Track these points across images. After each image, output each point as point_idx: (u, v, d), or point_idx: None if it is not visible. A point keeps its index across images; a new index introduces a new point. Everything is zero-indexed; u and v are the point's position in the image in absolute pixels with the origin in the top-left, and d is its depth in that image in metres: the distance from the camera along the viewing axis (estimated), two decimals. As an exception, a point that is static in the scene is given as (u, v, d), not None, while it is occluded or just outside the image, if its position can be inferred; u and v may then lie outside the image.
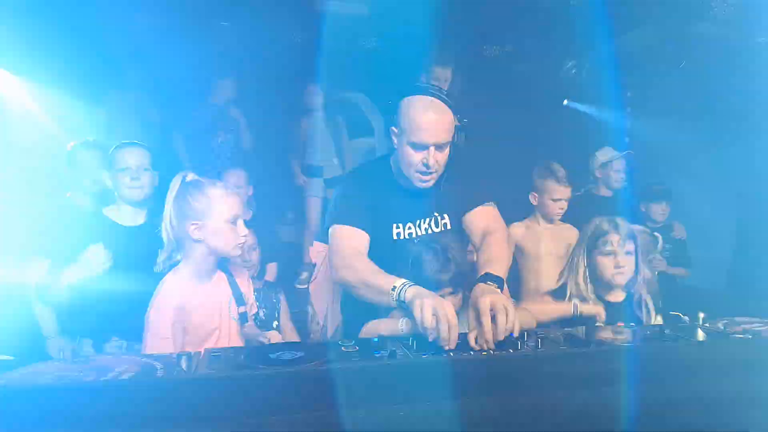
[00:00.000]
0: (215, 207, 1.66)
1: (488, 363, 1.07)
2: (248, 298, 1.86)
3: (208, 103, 4.13)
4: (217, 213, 1.66)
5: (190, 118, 4.09)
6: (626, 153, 3.69)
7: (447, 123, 1.71)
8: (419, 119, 1.68)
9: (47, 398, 0.90)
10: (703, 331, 1.45)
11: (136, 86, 4.21)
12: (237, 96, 4.24)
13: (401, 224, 1.88)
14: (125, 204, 2.23)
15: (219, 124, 4.13)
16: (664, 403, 1.00)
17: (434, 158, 1.71)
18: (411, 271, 1.67)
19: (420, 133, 1.68)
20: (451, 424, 0.96)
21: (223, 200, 1.67)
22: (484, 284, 1.49)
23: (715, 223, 3.68)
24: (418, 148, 1.71)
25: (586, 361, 1.02)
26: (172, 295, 1.66)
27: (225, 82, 4.15)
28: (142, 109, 4.28)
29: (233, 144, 4.18)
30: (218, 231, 1.67)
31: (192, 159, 4.12)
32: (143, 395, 0.91)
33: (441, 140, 1.70)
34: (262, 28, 4.38)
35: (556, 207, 2.91)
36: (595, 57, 4.84)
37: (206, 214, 1.65)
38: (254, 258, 2.56)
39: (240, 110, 4.21)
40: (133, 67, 4.20)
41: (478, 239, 1.80)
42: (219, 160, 4.10)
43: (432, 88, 1.74)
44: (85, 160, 2.49)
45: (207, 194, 1.66)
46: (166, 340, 1.59)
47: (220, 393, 0.93)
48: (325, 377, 0.97)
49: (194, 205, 1.65)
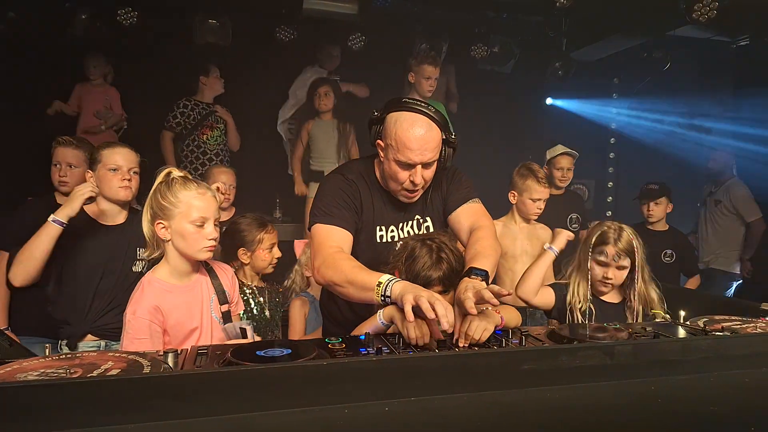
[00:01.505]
0: (180, 207, 1.63)
1: (473, 359, 1.08)
2: (232, 297, 1.85)
3: (195, 101, 4.09)
4: (181, 214, 1.63)
5: (177, 116, 4.05)
6: (567, 151, 3.65)
7: (435, 141, 1.68)
8: (406, 138, 1.65)
9: (33, 395, 0.89)
10: (683, 329, 1.49)
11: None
12: (225, 94, 4.23)
13: (384, 227, 1.87)
14: (108, 203, 2.21)
15: (205, 123, 4.09)
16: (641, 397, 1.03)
17: (421, 175, 1.69)
18: (404, 266, 1.66)
19: (407, 152, 1.65)
20: (437, 419, 0.97)
21: (190, 201, 1.64)
22: (468, 278, 1.48)
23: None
24: (404, 167, 1.69)
25: (569, 357, 1.04)
26: (150, 295, 1.65)
27: (212, 80, 4.13)
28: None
29: (220, 143, 4.15)
30: (182, 233, 1.64)
31: (178, 157, 4.10)
32: (131, 391, 0.91)
33: (428, 159, 1.68)
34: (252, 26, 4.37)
35: (534, 207, 2.96)
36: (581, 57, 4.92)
37: (171, 214, 1.63)
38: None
39: (227, 109, 4.19)
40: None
41: (466, 236, 1.79)
42: (206, 159, 4.10)
43: (419, 104, 1.69)
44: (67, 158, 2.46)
45: (175, 194, 1.63)
46: (142, 341, 1.58)
47: (207, 390, 0.93)
48: (312, 374, 0.98)
49: (162, 203, 1.63)
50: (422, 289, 1.39)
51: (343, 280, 1.56)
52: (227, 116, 4.15)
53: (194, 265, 1.75)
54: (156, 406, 0.91)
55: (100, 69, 4.16)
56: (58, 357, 1.18)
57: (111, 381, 0.98)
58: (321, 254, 1.67)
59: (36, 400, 0.88)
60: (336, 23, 4.29)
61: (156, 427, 0.90)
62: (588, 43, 4.71)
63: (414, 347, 1.38)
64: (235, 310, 1.88)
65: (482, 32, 4.71)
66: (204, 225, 1.66)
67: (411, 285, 1.43)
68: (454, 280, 1.67)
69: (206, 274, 1.80)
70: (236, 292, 1.90)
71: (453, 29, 4.81)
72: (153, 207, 1.66)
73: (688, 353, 1.10)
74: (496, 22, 4.72)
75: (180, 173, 1.70)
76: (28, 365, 1.10)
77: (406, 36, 4.71)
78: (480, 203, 1.90)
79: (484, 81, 5.10)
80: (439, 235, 1.77)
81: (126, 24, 4.01)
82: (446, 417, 0.96)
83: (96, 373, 1.06)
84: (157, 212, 1.65)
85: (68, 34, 3.99)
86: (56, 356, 1.19)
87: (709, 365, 1.09)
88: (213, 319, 1.76)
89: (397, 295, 1.40)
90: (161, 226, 1.65)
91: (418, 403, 0.98)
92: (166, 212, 1.64)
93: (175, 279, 1.71)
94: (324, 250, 1.68)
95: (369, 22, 4.30)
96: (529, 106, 5.59)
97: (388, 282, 1.44)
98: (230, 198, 3.02)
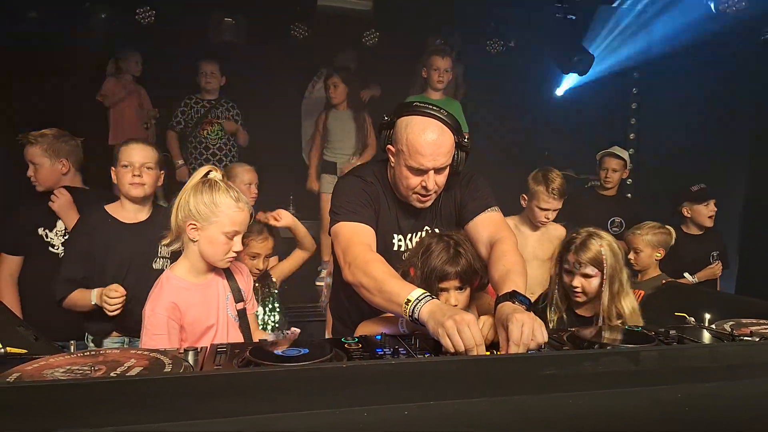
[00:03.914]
0: (218, 216, 1.63)
1: (493, 363, 1.07)
2: (247, 295, 1.86)
3: (197, 99, 4.12)
4: (217, 222, 1.63)
5: (179, 115, 4.08)
6: (610, 152, 3.65)
7: (447, 146, 1.64)
8: (417, 143, 1.61)
9: (60, 391, 0.90)
10: (708, 332, 1.46)
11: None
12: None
13: (397, 235, 1.84)
14: (127, 201, 2.23)
15: (205, 119, 4.10)
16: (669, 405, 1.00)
17: (433, 181, 1.66)
18: (419, 261, 1.64)
19: (419, 158, 1.62)
20: (456, 424, 0.96)
21: (229, 212, 1.64)
22: (511, 303, 1.37)
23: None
24: (416, 172, 1.65)
25: (592, 362, 1.02)
26: (168, 292, 1.66)
27: (211, 77, 4.10)
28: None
29: (221, 137, 4.16)
30: (212, 240, 1.65)
31: (184, 155, 4.14)
32: (152, 389, 0.92)
33: (440, 164, 1.65)
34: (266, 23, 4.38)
35: (541, 215, 2.89)
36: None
37: (207, 219, 1.63)
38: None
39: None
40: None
41: (484, 248, 1.70)
42: (209, 154, 4.12)
43: (430, 108, 1.65)
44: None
45: (215, 200, 1.63)
46: (161, 337, 1.59)
47: (226, 389, 0.94)
48: (333, 376, 0.97)
49: (200, 205, 1.63)
50: (451, 311, 1.30)
51: (374, 287, 1.48)
52: (229, 118, 4.14)
53: (212, 265, 1.77)
54: (177, 406, 0.92)
55: (129, 66, 4.21)
56: (82, 354, 1.20)
57: (135, 381, 0.99)
58: (351, 252, 1.61)
59: (63, 398, 0.89)
60: (350, 19, 4.27)
61: (176, 426, 0.90)
62: (605, 36, 4.63)
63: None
64: (250, 309, 1.89)
65: (497, 27, 4.66)
66: (233, 238, 1.67)
67: (438, 308, 1.33)
68: (471, 277, 1.65)
69: (222, 272, 1.82)
70: (251, 290, 1.91)
71: (467, 24, 4.76)
72: (189, 205, 1.64)
73: (716, 360, 1.07)
74: (511, 16, 4.67)
75: (219, 174, 1.69)
76: (55, 361, 1.13)
77: (419, 32, 4.68)
78: (499, 212, 1.81)
79: (498, 75, 5.04)
80: (455, 233, 1.75)
81: (144, 23, 4.05)
82: (465, 422, 0.95)
83: (119, 370, 1.07)
84: (192, 212, 1.63)
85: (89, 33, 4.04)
86: (80, 353, 1.21)
87: (739, 372, 1.06)
88: (228, 316, 1.78)
89: (426, 319, 1.33)
90: (192, 227, 1.65)
91: (438, 407, 0.98)
92: (202, 215, 1.63)
93: (192, 277, 1.73)
94: (354, 248, 1.62)
95: (383, 18, 4.28)
96: (545, 101, 5.52)
97: (417, 301, 1.36)
98: (255, 197, 3.01)
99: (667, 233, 3.02)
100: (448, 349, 1.25)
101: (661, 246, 3.00)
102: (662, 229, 3.03)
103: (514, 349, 1.25)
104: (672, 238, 3.02)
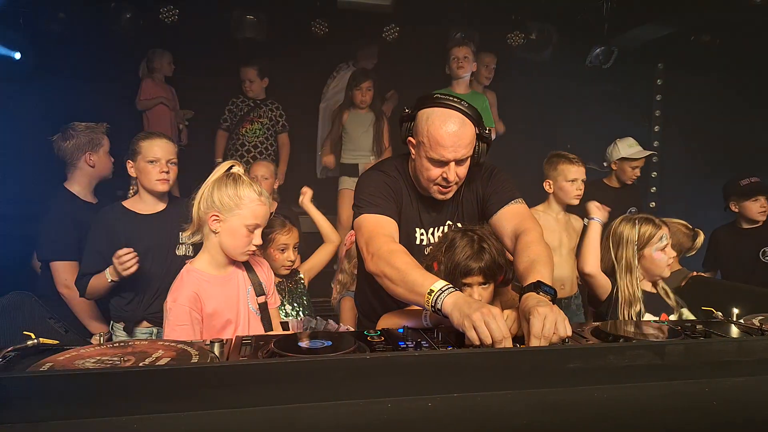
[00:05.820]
0: (242, 209, 1.67)
1: (517, 356, 1.07)
2: (269, 289, 1.89)
3: (242, 99, 4.24)
4: (240, 215, 1.67)
5: (225, 113, 4.19)
6: (650, 154, 3.61)
7: (468, 138, 1.64)
8: (438, 135, 1.61)
9: (91, 381, 0.93)
10: (737, 327, 1.43)
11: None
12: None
13: (419, 229, 1.85)
14: (147, 194, 2.27)
15: (247, 118, 4.22)
16: (695, 400, 0.99)
17: (454, 172, 1.66)
18: (443, 257, 1.64)
19: (439, 149, 1.62)
20: (480, 416, 0.96)
21: (252, 206, 1.68)
22: (535, 294, 1.36)
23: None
24: (437, 164, 1.65)
25: (617, 356, 1.01)
26: (189, 283, 1.70)
27: (253, 79, 4.19)
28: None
29: (259, 135, 4.27)
30: (234, 232, 1.68)
31: (226, 152, 4.27)
32: (180, 379, 0.94)
33: (461, 156, 1.64)
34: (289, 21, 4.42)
35: (573, 188, 2.83)
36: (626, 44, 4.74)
37: (230, 211, 1.67)
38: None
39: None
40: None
41: (509, 240, 1.69)
42: (244, 150, 4.22)
43: (451, 99, 1.64)
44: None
45: (239, 193, 1.67)
46: (183, 328, 1.63)
47: (251, 379, 0.96)
48: (357, 367, 0.99)
49: (223, 198, 1.67)
50: (477, 304, 1.29)
51: (397, 277, 1.48)
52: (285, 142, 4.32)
53: (231, 258, 1.79)
54: (203, 395, 0.94)
55: (162, 66, 4.29)
56: (112, 345, 1.23)
57: (163, 370, 1.02)
58: (374, 243, 1.61)
59: (94, 386, 0.92)
60: (370, 15, 4.28)
61: (202, 416, 0.93)
62: (630, 27, 4.53)
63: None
64: (272, 303, 1.91)
65: (519, 19, 4.60)
66: (254, 231, 1.71)
67: (463, 300, 1.33)
68: (495, 273, 1.64)
69: (242, 266, 1.84)
70: (272, 284, 1.94)
71: (488, 16, 4.71)
72: (212, 197, 1.68)
73: (744, 354, 1.05)
74: (531, 8, 4.60)
75: (241, 169, 1.73)
76: (86, 352, 1.16)
77: (440, 26, 4.65)
78: (524, 204, 1.80)
79: (520, 68, 4.98)
80: (480, 228, 1.73)
81: (168, 22, 4.12)
82: (489, 414, 0.96)
83: (147, 361, 1.10)
84: (216, 203, 1.68)
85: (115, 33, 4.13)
86: (110, 344, 1.24)
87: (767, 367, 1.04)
88: (250, 309, 1.80)
89: (449, 310, 1.32)
90: (214, 219, 1.69)
91: (461, 399, 0.98)
92: (225, 206, 1.67)
93: (213, 269, 1.76)
94: (377, 239, 1.62)
95: (403, 13, 4.27)
96: (567, 94, 5.43)
97: (440, 292, 1.36)
98: (268, 191, 3.04)
99: (688, 235, 2.78)
100: (474, 342, 1.25)
101: (675, 247, 2.84)
102: (686, 230, 2.80)
103: (535, 343, 1.24)
104: (693, 242, 2.79)
